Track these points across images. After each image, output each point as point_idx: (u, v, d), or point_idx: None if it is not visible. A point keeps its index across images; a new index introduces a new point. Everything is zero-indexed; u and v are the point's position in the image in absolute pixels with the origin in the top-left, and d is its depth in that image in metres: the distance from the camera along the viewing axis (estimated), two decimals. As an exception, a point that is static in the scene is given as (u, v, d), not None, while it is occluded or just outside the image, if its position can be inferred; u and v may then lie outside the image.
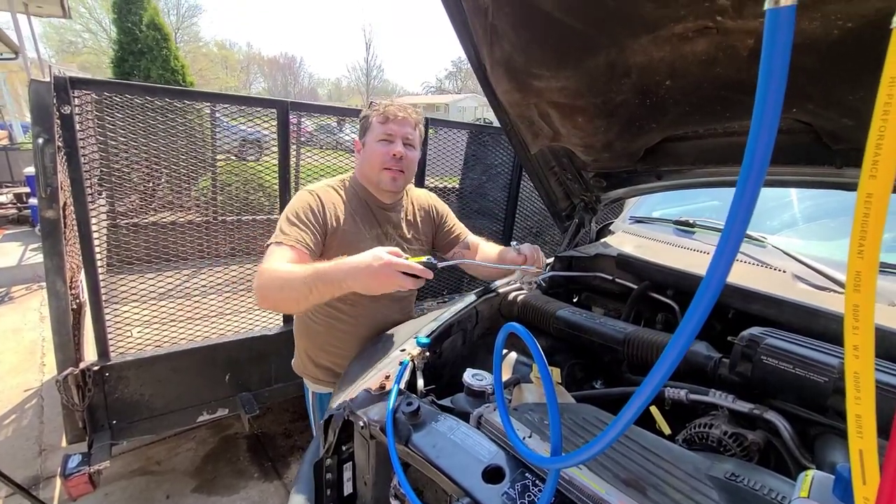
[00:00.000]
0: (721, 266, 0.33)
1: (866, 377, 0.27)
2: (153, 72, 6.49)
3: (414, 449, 0.86)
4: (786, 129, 1.18)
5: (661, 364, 0.38)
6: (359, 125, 1.52)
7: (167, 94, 1.91)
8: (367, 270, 1.08)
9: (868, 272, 0.26)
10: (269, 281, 1.18)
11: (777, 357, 1.09)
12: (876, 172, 0.25)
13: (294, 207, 1.36)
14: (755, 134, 0.30)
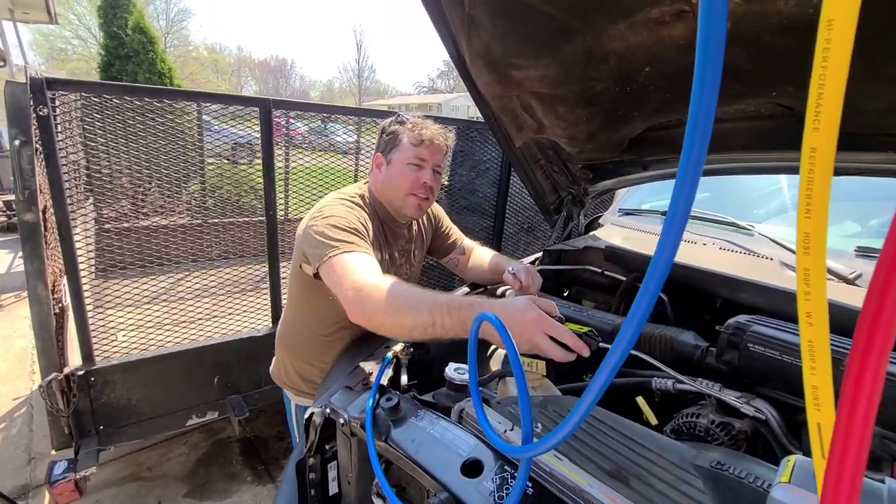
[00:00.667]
0: (668, 246, 0.31)
1: (821, 346, 0.26)
2: (140, 76, 6.44)
3: (393, 444, 0.84)
4: (768, 114, 1.17)
5: (618, 343, 0.37)
6: (382, 138, 1.41)
7: (146, 94, 1.88)
8: (510, 318, 0.87)
9: (817, 233, 0.25)
10: (385, 298, 1.00)
11: (763, 344, 1.08)
12: (819, 124, 0.24)
13: (338, 215, 1.23)
14: (694, 115, 0.29)
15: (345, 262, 1.12)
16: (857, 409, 0.23)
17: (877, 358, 0.22)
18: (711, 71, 0.29)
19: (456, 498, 0.70)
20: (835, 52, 0.23)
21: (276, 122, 2.37)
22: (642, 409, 1.15)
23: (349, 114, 2.55)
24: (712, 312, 1.50)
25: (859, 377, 0.22)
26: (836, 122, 0.24)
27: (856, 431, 0.23)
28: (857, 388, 0.22)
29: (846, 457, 0.23)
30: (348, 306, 1.06)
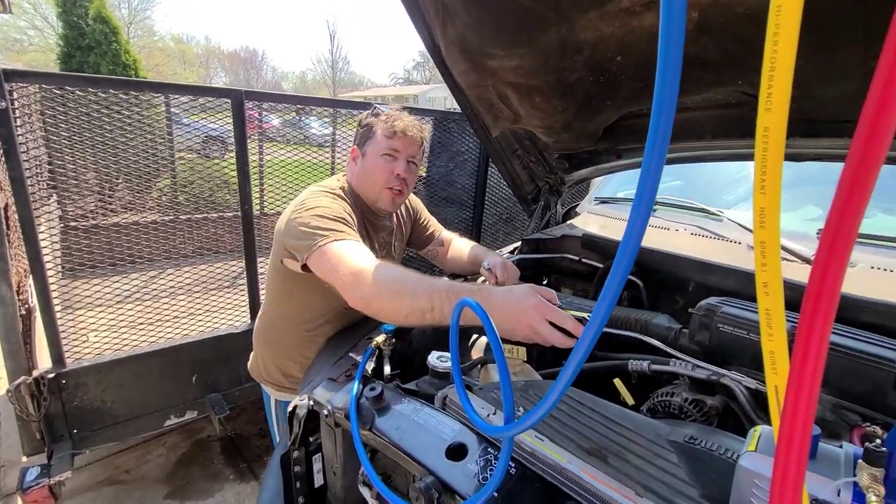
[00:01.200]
0: (636, 230, 0.33)
1: (777, 313, 0.28)
2: (103, 67, 6.16)
3: (378, 433, 0.85)
4: (735, 102, 1.21)
5: (591, 324, 0.38)
6: (358, 131, 1.41)
7: (110, 85, 1.81)
8: (510, 306, 0.89)
9: (771, 208, 0.27)
10: (384, 282, 1.00)
11: (732, 324, 1.13)
12: (771, 105, 0.25)
13: (323, 206, 1.22)
14: (659, 99, 0.30)
15: (338, 249, 1.11)
16: (805, 368, 0.24)
17: (821, 326, 0.24)
18: (673, 59, 0.30)
19: (441, 481, 0.71)
20: (783, 36, 0.24)
21: (248, 115, 2.32)
22: (619, 391, 1.18)
23: (324, 105, 2.52)
24: (685, 295, 1.55)
25: (807, 341, 0.24)
26: (787, 102, 0.25)
27: (805, 390, 0.24)
28: (806, 351, 0.24)
29: (797, 410, 0.25)
30: (346, 292, 1.05)
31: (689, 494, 0.75)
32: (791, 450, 0.30)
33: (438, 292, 0.94)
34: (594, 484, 0.71)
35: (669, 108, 0.29)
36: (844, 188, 0.23)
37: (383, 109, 1.39)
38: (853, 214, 0.23)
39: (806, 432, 0.26)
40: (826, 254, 0.23)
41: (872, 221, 1.55)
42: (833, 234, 0.23)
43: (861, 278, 1.26)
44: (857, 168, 0.23)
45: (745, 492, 0.64)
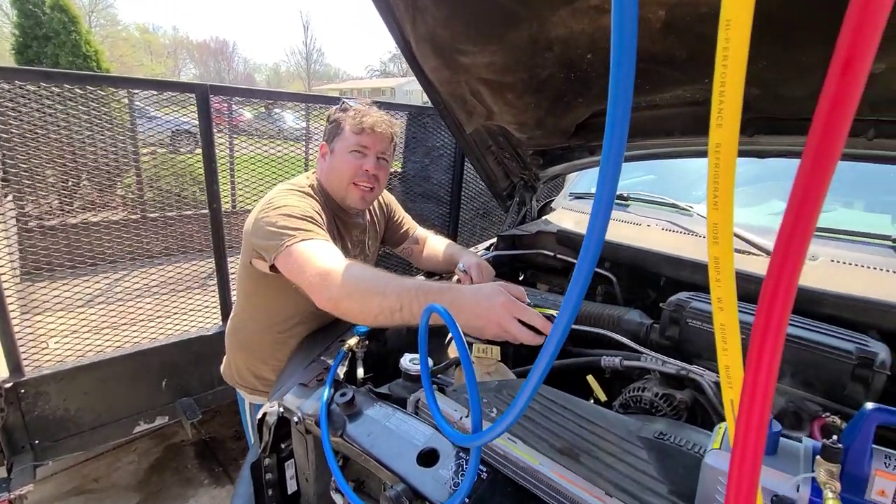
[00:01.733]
0: (598, 226, 0.32)
1: (731, 329, 0.28)
2: (62, 58, 5.86)
3: (349, 440, 0.83)
4: (702, 99, 1.23)
5: (557, 326, 0.38)
6: (327, 127, 1.37)
7: (66, 80, 1.71)
8: (478, 304, 0.88)
9: (724, 224, 0.26)
10: (352, 282, 0.98)
11: (701, 319, 1.15)
12: (721, 121, 0.25)
13: (291, 205, 1.19)
14: (614, 96, 0.29)
15: (305, 249, 1.08)
16: (762, 360, 0.24)
17: (777, 322, 0.24)
18: (627, 56, 0.30)
19: (412, 488, 0.70)
20: (733, 51, 0.24)
21: (217, 109, 2.24)
22: (592, 387, 1.20)
23: (294, 100, 2.45)
24: (657, 290, 1.58)
25: (763, 334, 0.24)
26: (738, 118, 0.25)
27: (761, 384, 0.24)
28: (762, 343, 0.24)
29: (752, 411, 0.25)
30: (314, 292, 1.02)
31: (658, 491, 0.76)
32: (746, 452, 0.30)
33: (407, 291, 0.93)
34: (565, 485, 0.71)
35: (625, 106, 0.29)
36: (801, 185, 0.23)
37: (351, 104, 1.35)
38: (808, 214, 0.23)
39: (762, 429, 0.26)
40: (783, 252, 0.23)
41: (833, 216, 1.60)
42: (789, 234, 0.23)
43: (822, 272, 1.30)
44: (812, 165, 0.22)
45: (710, 489, 0.65)
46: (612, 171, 0.30)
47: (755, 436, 0.26)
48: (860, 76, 0.21)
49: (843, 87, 0.21)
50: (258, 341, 1.42)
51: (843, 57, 0.20)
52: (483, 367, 1.14)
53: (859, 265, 1.31)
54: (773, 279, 0.25)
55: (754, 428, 0.25)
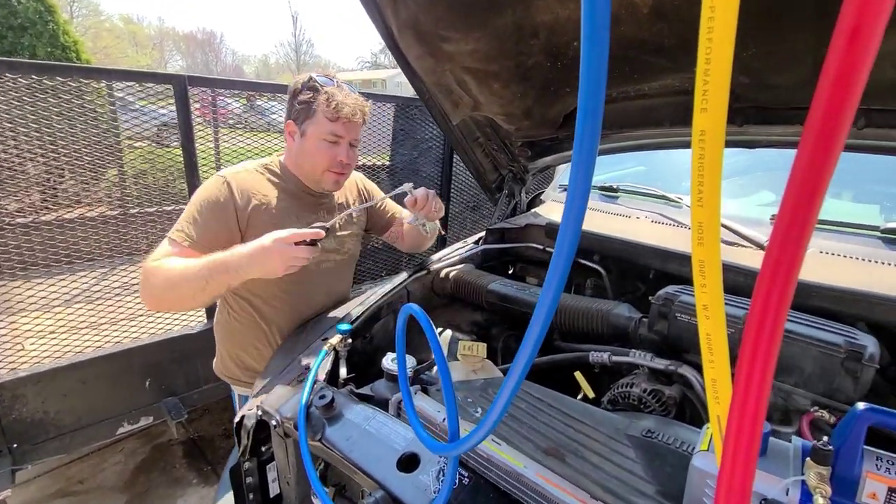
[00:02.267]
0: (571, 223, 0.29)
1: (719, 339, 0.25)
2: (39, 49, 5.68)
3: (328, 444, 0.80)
4: (691, 89, 1.20)
5: (531, 330, 0.35)
6: (294, 104, 1.30)
7: (34, 71, 1.64)
8: (261, 252, 1.06)
9: (711, 222, 0.23)
10: (160, 281, 1.10)
11: (690, 313, 1.13)
12: (706, 105, 0.22)
13: (200, 197, 1.23)
14: (585, 86, 0.26)
15: (160, 246, 1.18)
16: (756, 360, 0.22)
17: (772, 322, 0.21)
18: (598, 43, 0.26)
19: (392, 495, 0.68)
20: (720, 22, 0.20)
21: (202, 101, 2.18)
22: (580, 384, 1.18)
23: (276, 91, 2.38)
24: (647, 283, 1.56)
25: (757, 335, 0.21)
26: (725, 101, 0.22)
27: (755, 381, 0.21)
28: (756, 342, 0.21)
29: (745, 409, 0.22)
30: (140, 291, 1.15)
31: (645, 491, 0.74)
32: (735, 471, 0.28)
33: (203, 269, 1.07)
34: (550, 489, 0.69)
35: (597, 98, 0.25)
36: (797, 180, 0.20)
37: (321, 82, 1.27)
38: (806, 213, 0.20)
39: (753, 444, 0.23)
40: (778, 249, 0.20)
41: (822, 206, 1.59)
42: (785, 229, 0.20)
43: (809, 263, 1.29)
44: (813, 150, 0.19)
45: (697, 491, 0.63)
46: (584, 162, 0.27)
47: (746, 453, 0.23)
48: (870, 45, 0.18)
49: (849, 59, 0.17)
50: (235, 328, 1.42)
51: (851, 24, 0.17)
52: (469, 364, 1.11)
53: (847, 256, 1.29)
54: (766, 282, 0.22)
55: (745, 444, 0.23)
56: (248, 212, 1.24)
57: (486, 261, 1.86)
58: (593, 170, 0.28)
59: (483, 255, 1.84)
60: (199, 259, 1.10)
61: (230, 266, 1.08)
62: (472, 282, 1.57)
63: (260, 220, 1.25)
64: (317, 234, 1.09)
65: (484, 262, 1.84)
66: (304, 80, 1.29)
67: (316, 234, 1.09)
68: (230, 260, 1.08)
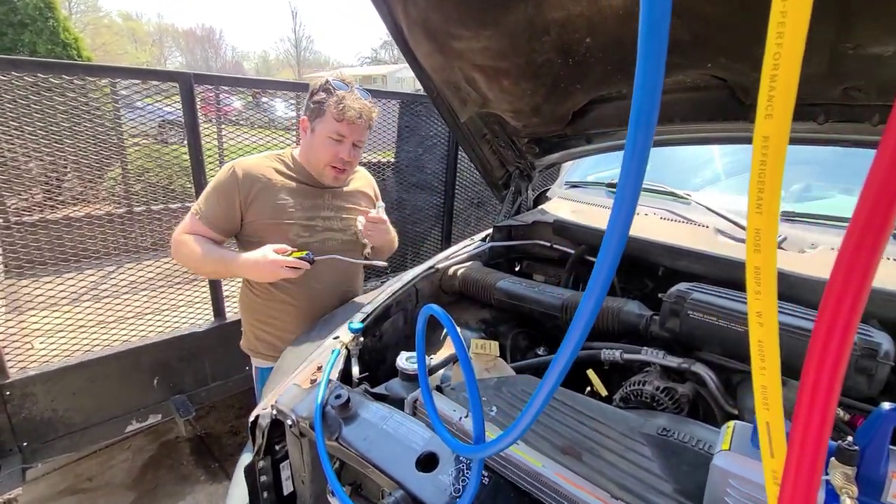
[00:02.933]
0: (621, 220, 0.29)
1: (771, 346, 0.25)
2: (40, 46, 5.65)
3: (345, 444, 0.80)
4: (703, 85, 1.19)
5: (573, 332, 0.34)
6: (310, 102, 1.45)
7: (37, 68, 1.63)
8: (255, 265, 1.33)
9: (768, 230, 0.23)
10: (182, 257, 1.41)
11: (702, 311, 1.12)
12: (772, 111, 0.21)
13: (213, 181, 1.44)
14: (640, 87, 0.25)
15: (187, 217, 1.43)
16: (817, 398, 0.21)
17: (841, 335, 0.21)
18: (657, 40, 0.26)
19: (412, 495, 0.68)
20: (791, 25, 0.20)
21: (205, 98, 2.17)
22: (593, 382, 1.18)
23: (282, 88, 2.37)
24: (655, 280, 1.56)
25: (821, 360, 0.21)
26: (791, 107, 0.21)
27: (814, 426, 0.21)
28: (823, 356, 0.21)
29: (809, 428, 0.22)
30: (172, 252, 1.44)
31: (663, 490, 0.74)
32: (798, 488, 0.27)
33: (213, 260, 1.37)
34: (568, 488, 0.69)
35: (653, 94, 0.25)
36: (875, 184, 0.19)
37: (336, 86, 1.40)
38: (883, 218, 0.20)
39: (819, 456, 0.23)
40: (852, 252, 0.20)
41: (833, 202, 1.59)
42: (858, 239, 0.20)
43: (822, 259, 1.28)
44: (892, 161, 0.19)
45: (719, 491, 0.63)
46: (637, 161, 0.27)
47: (810, 469, 0.23)
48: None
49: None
50: (253, 300, 1.56)
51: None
52: (481, 363, 1.11)
53: (859, 253, 1.29)
54: (837, 289, 0.22)
55: (809, 458, 0.22)
56: (252, 194, 1.42)
57: (494, 258, 1.86)
58: (644, 171, 0.28)
59: (490, 253, 1.84)
60: (214, 250, 1.38)
61: (230, 266, 1.37)
62: (479, 280, 1.57)
63: (261, 200, 1.43)
64: (303, 265, 1.35)
65: (491, 260, 1.84)
66: (321, 82, 1.43)
67: (302, 265, 1.34)
68: (231, 262, 1.37)
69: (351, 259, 1.51)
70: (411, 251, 3.13)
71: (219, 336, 2.20)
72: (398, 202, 2.93)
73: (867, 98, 1.01)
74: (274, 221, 1.43)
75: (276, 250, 1.33)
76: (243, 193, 1.41)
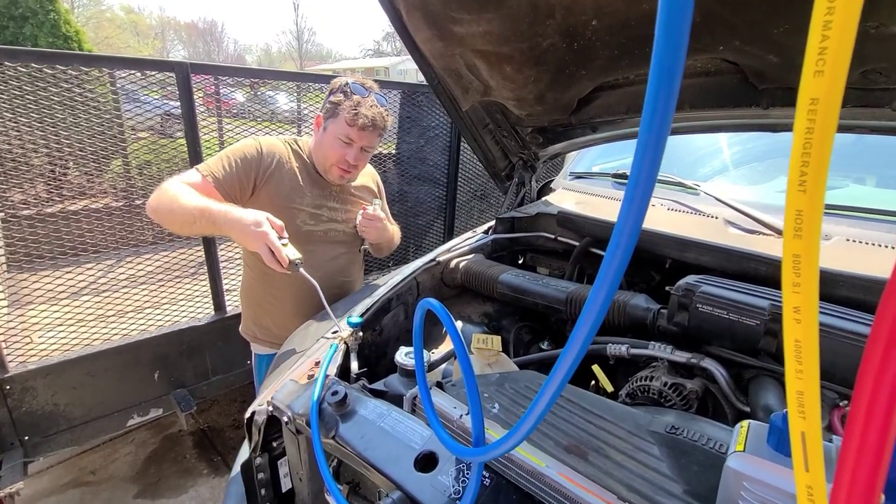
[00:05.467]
0: (633, 212, 0.25)
1: (810, 348, 0.21)
2: (41, 39, 5.62)
3: (341, 442, 0.78)
4: (714, 70, 1.14)
5: (581, 327, 0.31)
6: (326, 102, 1.45)
7: (34, 59, 1.60)
8: (242, 228, 1.17)
9: (812, 213, 0.19)
10: (165, 199, 1.24)
11: (711, 304, 1.09)
12: (824, 66, 0.17)
13: (234, 149, 1.41)
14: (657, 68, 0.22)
15: (187, 172, 1.34)
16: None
17: None
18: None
19: (409, 496, 0.65)
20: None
21: (206, 91, 2.14)
22: (598, 377, 1.15)
23: (281, 78, 2.33)
24: (662, 273, 1.52)
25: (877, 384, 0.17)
26: (848, 59, 0.17)
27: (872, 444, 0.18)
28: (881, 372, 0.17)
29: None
30: (149, 200, 1.27)
31: (672, 491, 0.71)
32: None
33: (196, 208, 1.20)
34: (573, 489, 0.66)
35: (673, 77, 0.22)
36: None
37: (354, 90, 1.41)
38: None
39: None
40: None
41: (846, 192, 1.54)
42: None
43: (836, 251, 1.24)
44: None
45: (732, 493, 0.60)
46: (651, 154, 0.23)
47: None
48: None
49: None
50: (253, 284, 1.56)
51: None
52: (483, 358, 1.08)
53: (875, 244, 1.25)
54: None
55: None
56: (270, 170, 1.42)
57: (497, 250, 1.83)
58: (661, 158, 0.25)
59: (493, 245, 1.80)
60: (201, 199, 1.23)
61: (215, 219, 1.19)
62: (482, 272, 1.54)
63: (277, 179, 1.43)
64: (273, 265, 1.17)
65: (494, 252, 1.81)
66: (342, 83, 1.43)
67: (281, 260, 1.17)
68: (217, 214, 1.19)
69: (325, 303, 1.19)
70: (413, 244, 3.09)
71: (219, 330, 2.18)
72: (400, 194, 2.89)
73: (887, 81, 0.96)
74: (286, 204, 1.43)
75: (273, 224, 1.20)
76: (263, 168, 1.40)
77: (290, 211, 1.43)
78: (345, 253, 1.61)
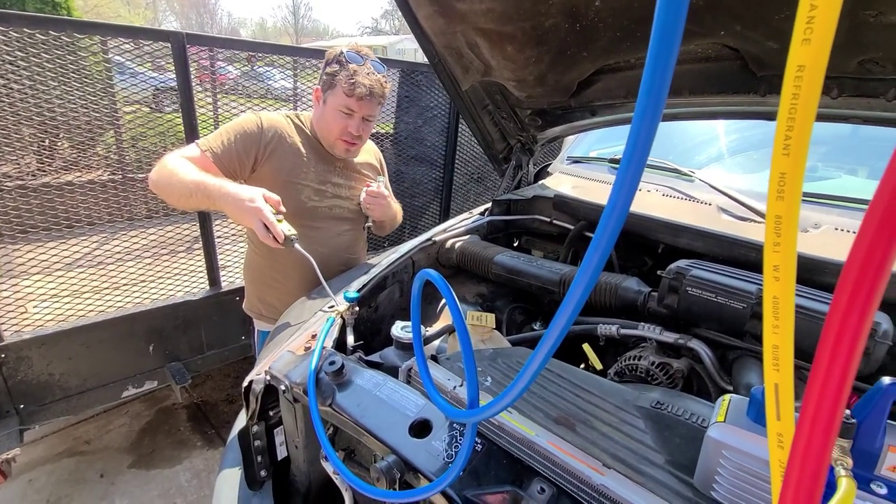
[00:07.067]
0: (623, 193, 0.27)
1: (786, 304, 0.23)
2: (29, 4, 5.47)
3: (338, 409, 0.80)
4: (714, 55, 1.15)
5: (567, 303, 0.33)
6: (322, 74, 1.43)
7: (25, 24, 1.55)
8: (237, 203, 1.15)
9: (794, 175, 0.21)
10: (166, 171, 1.24)
11: (701, 287, 1.11)
12: (811, 34, 0.19)
13: (234, 125, 1.39)
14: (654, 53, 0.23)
15: (188, 146, 1.34)
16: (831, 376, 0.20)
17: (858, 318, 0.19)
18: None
19: (404, 460, 0.68)
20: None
21: (200, 65, 2.10)
22: (588, 355, 1.18)
23: (279, 53, 2.29)
24: (654, 257, 1.55)
25: (838, 338, 0.19)
26: (832, 30, 0.19)
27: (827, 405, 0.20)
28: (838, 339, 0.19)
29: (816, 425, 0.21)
30: (152, 172, 1.28)
31: (655, 461, 0.74)
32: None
33: (193, 182, 1.19)
34: (561, 456, 0.69)
35: (667, 62, 0.23)
36: None
37: (349, 58, 1.37)
38: None
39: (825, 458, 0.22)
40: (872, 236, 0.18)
41: (837, 183, 1.56)
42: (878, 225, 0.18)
43: (825, 239, 1.27)
44: None
45: (712, 461, 0.63)
46: (644, 136, 0.24)
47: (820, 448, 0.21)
48: None
49: None
50: (256, 261, 1.56)
51: None
52: (477, 334, 1.11)
53: (862, 233, 1.27)
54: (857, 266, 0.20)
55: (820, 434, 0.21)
56: (272, 146, 1.40)
57: (492, 232, 1.84)
58: (652, 141, 0.26)
59: (489, 227, 1.82)
60: (199, 174, 1.22)
61: (211, 194, 1.18)
62: (477, 253, 1.56)
63: (279, 155, 1.41)
64: (268, 240, 1.14)
65: (490, 234, 1.82)
66: (336, 53, 1.39)
67: (276, 236, 1.14)
68: (213, 189, 1.18)
69: (321, 278, 1.19)
70: (409, 224, 3.10)
71: (214, 305, 2.19)
72: (396, 175, 2.88)
73: (883, 71, 0.97)
74: (289, 179, 1.41)
75: (268, 200, 1.17)
76: (263, 144, 1.39)
77: (294, 186, 1.42)
78: (349, 230, 1.61)
